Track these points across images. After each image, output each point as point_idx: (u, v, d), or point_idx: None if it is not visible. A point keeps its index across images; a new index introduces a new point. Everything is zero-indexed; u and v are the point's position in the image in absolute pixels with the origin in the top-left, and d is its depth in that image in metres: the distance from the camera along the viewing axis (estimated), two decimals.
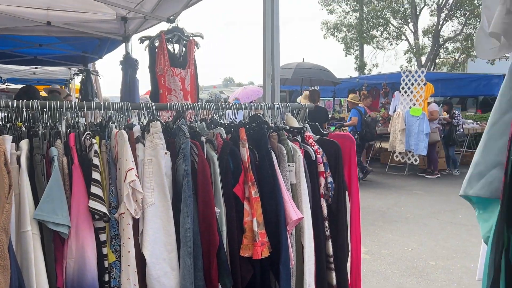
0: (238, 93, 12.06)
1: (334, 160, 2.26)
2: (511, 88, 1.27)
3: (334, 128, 11.83)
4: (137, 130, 1.93)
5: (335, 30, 20.22)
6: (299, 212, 2.04)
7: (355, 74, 19.06)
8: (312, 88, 9.72)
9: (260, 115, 2.25)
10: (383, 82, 11.56)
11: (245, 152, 2.01)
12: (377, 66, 20.36)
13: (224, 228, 1.92)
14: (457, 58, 19.57)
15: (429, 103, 9.33)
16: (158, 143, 1.84)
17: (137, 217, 1.76)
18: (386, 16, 18.89)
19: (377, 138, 10.53)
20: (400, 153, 9.22)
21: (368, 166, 9.69)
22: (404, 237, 5.33)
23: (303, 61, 9.68)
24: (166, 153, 1.86)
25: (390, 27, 19.49)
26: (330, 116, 16.14)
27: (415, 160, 9.00)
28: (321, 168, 2.22)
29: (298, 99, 10.57)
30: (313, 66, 9.55)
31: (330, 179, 2.25)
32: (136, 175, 1.73)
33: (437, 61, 18.56)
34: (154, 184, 1.81)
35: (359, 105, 9.01)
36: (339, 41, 20.39)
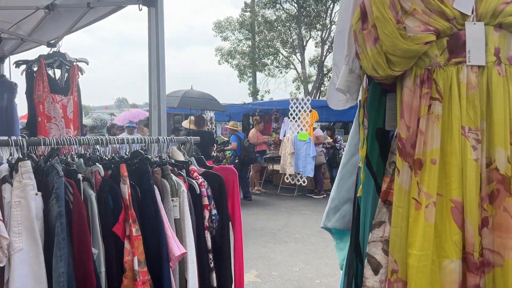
0: (123, 116, 11.77)
1: (218, 193, 2.34)
2: (357, 133, 1.48)
3: (229, 152, 12.11)
4: (4, 169, 1.79)
5: (229, 57, 20.92)
6: (182, 247, 2.06)
7: (249, 99, 19.82)
8: (199, 113, 9.93)
9: (141, 151, 2.25)
10: (274, 108, 12.19)
11: (126, 189, 1.98)
12: (269, 92, 21.45)
13: (103, 269, 1.86)
14: None
15: (314, 128, 10.10)
16: (28, 183, 1.73)
17: (1, 265, 1.62)
18: (276, 46, 20.11)
19: (270, 161, 11.02)
20: (290, 175, 9.75)
21: (259, 189, 10.09)
22: (293, 257, 5.59)
23: (191, 88, 9.95)
24: (36, 194, 1.75)
25: (280, 56, 20.78)
26: (227, 138, 16.44)
27: (304, 182, 9.60)
28: (206, 201, 2.28)
29: (184, 123, 10.66)
30: (199, 94, 9.88)
31: (214, 211, 2.32)
32: (0, 219, 1.61)
33: (322, 89, 20.17)
34: (23, 227, 1.69)
35: (238, 131, 9.52)
36: (233, 67, 21.11)
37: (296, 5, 18.98)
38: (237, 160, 9.15)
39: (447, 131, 1.27)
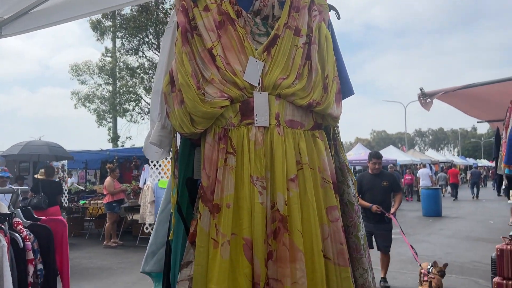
0: None
1: (46, 246, 2.25)
2: (170, 187, 1.65)
3: (83, 201, 11.28)
4: None
5: (87, 101, 19.97)
6: None
7: (109, 145, 18.98)
8: (50, 163, 9.69)
9: None
10: (134, 156, 11.94)
11: None
12: (130, 138, 20.86)
13: None
14: None
15: None
16: None
17: None
18: (138, 92, 19.95)
19: (128, 211, 10.59)
20: (150, 224, 9.48)
21: (116, 241, 9.58)
22: None
23: (39, 139, 10.01)
24: None
25: (142, 103, 20.61)
26: (84, 188, 15.32)
27: None
28: (30, 255, 2.18)
29: (37, 175, 10.12)
30: (44, 143, 10.20)
31: (40, 266, 2.22)
32: None
33: None
34: None
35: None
36: (91, 112, 20.16)
37: (158, 54, 19.26)
38: None
39: (239, 180, 1.52)
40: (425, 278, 4.79)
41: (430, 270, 4.89)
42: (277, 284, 1.49)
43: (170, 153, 1.65)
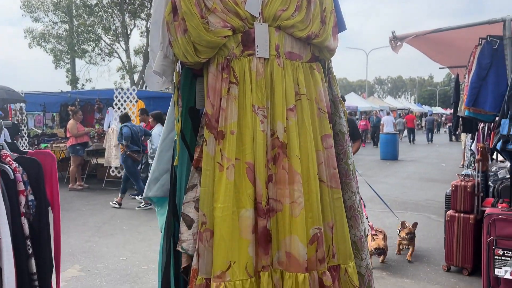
0: None
1: (35, 178, 2.27)
2: (173, 113, 1.70)
3: (45, 145, 10.99)
4: None
5: (42, 40, 18.73)
6: None
7: (68, 88, 18.21)
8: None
9: None
10: (97, 98, 11.55)
11: None
12: (90, 81, 20.05)
13: None
14: None
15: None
16: None
17: None
18: (98, 32, 18.91)
19: (93, 154, 10.46)
20: (116, 167, 9.46)
21: (81, 184, 9.53)
22: (119, 248, 5.51)
23: None
24: None
25: (102, 43, 19.62)
26: (41, 131, 14.80)
27: None
28: (21, 186, 2.20)
29: None
30: None
31: (31, 197, 2.25)
32: None
33: None
34: None
35: None
36: (47, 52, 18.98)
37: None
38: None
39: (242, 108, 1.60)
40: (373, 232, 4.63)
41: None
42: (277, 204, 1.62)
43: (172, 83, 1.68)
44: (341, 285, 1.68)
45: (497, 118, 3.82)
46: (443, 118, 38.00)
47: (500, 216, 3.66)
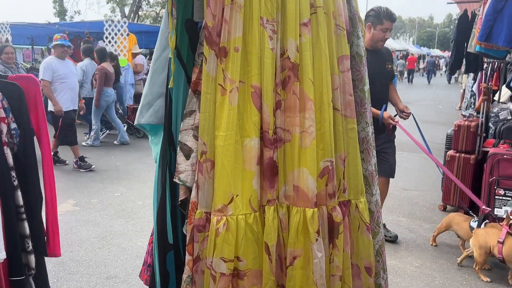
0: None
1: (17, 104, 2.07)
2: (167, 28, 1.47)
3: None
4: None
5: None
6: None
7: (55, 20, 17.33)
8: None
9: None
10: (86, 31, 10.99)
11: None
12: (79, 13, 19.11)
13: None
14: (158, 11, 20.61)
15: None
16: None
17: None
18: None
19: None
20: None
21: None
22: (114, 183, 5.46)
23: None
24: None
25: None
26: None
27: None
28: (1, 113, 2.00)
29: None
30: None
31: (13, 125, 2.06)
32: None
33: (140, 13, 19.03)
34: None
35: None
36: None
37: None
38: None
39: (248, 21, 1.38)
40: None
41: None
42: (285, 134, 1.46)
43: None
44: (351, 221, 1.57)
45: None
46: (442, 60, 37.46)
47: (505, 156, 3.59)
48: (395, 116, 3.46)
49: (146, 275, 1.73)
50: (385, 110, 3.35)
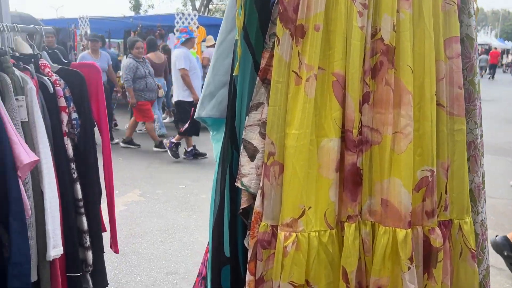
0: None
1: (79, 93, 1.98)
2: (235, 5, 1.25)
3: None
4: None
5: None
6: (33, 154, 1.71)
7: (131, 13, 18.06)
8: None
9: None
10: (158, 24, 11.24)
11: None
12: (152, 7, 19.81)
13: None
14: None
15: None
16: None
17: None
18: None
19: None
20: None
21: None
22: (179, 175, 5.48)
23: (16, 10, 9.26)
24: None
25: None
26: None
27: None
28: (63, 102, 1.91)
29: None
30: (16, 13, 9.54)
31: (74, 115, 1.97)
32: None
33: (210, 7, 19.27)
34: None
35: None
36: None
37: None
38: None
39: None
40: None
41: None
42: (374, 134, 1.17)
43: None
44: (452, 246, 1.25)
45: None
46: None
47: None
48: None
49: None
50: None
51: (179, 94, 5.94)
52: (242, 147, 1.18)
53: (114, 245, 2.18)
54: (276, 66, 1.12)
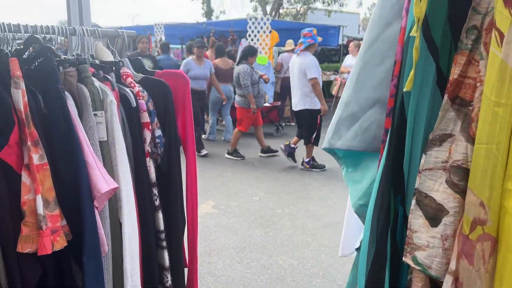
0: None
1: (163, 107, 1.69)
2: None
3: None
4: None
5: None
6: (112, 180, 1.43)
7: (203, 19, 18.32)
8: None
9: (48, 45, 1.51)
10: (230, 29, 11.16)
11: (20, 96, 1.30)
12: (224, 12, 19.96)
13: None
14: (298, 9, 20.38)
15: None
16: None
17: None
18: None
19: None
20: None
21: None
22: (252, 186, 5.22)
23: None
24: None
25: None
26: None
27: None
28: (146, 117, 1.63)
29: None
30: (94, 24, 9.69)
31: (158, 132, 1.69)
32: None
33: (281, 11, 19.01)
34: None
35: None
36: None
37: None
38: None
39: None
40: None
41: None
42: None
43: None
44: None
45: None
46: None
47: None
48: None
49: None
50: None
51: (305, 102, 5.63)
52: (414, 201, 0.77)
53: (194, 284, 1.86)
54: (494, 78, 0.69)
